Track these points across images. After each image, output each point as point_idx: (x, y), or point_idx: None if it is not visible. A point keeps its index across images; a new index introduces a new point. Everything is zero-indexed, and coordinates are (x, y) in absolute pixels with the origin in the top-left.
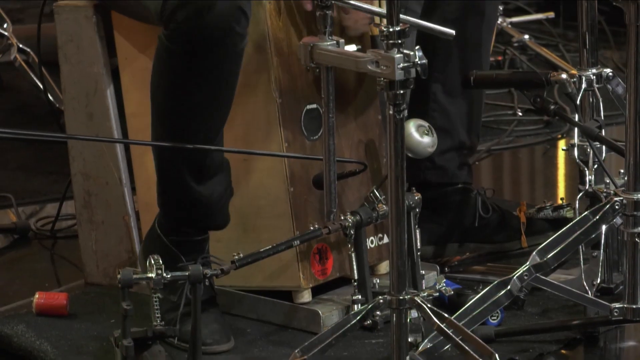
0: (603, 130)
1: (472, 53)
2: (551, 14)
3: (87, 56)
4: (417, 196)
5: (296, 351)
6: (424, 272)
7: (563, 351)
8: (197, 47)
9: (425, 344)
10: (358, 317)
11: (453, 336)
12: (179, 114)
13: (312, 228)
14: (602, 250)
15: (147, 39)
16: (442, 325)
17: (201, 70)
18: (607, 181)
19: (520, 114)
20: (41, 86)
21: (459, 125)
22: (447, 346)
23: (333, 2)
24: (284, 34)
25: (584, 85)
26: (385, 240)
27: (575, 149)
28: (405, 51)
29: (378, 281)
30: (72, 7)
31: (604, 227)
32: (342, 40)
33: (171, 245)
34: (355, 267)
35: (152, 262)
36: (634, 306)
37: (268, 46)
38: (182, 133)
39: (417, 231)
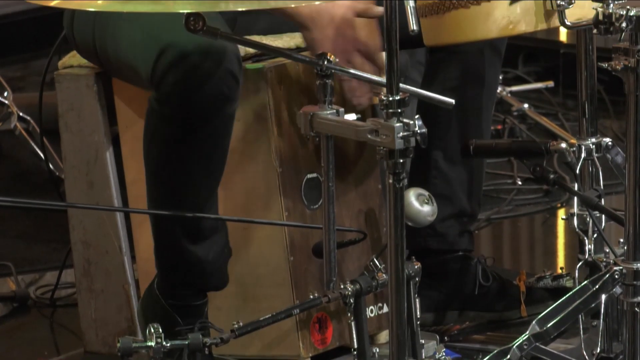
0: (602, 200)
1: (472, 120)
2: (550, 83)
3: (87, 124)
4: (417, 265)
5: None
6: (423, 342)
7: None
8: (188, 111)
9: None
10: None
11: None
12: (171, 175)
13: (311, 297)
14: (601, 320)
15: None
16: None
17: (191, 133)
18: (607, 250)
19: (519, 182)
20: (41, 154)
21: (460, 192)
22: None
23: (333, 70)
24: (285, 103)
25: (583, 155)
26: (385, 309)
27: (575, 218)
28: (405, 120)
29: (378, 350)
30: (73, 76)
31: (603, 297)
32: (342, 109)
33: (169, 309)
34: (355, 336)
35: (152, 330)
36: None
37: (269, 115)
38: (175, 194)
39: (417, 300)
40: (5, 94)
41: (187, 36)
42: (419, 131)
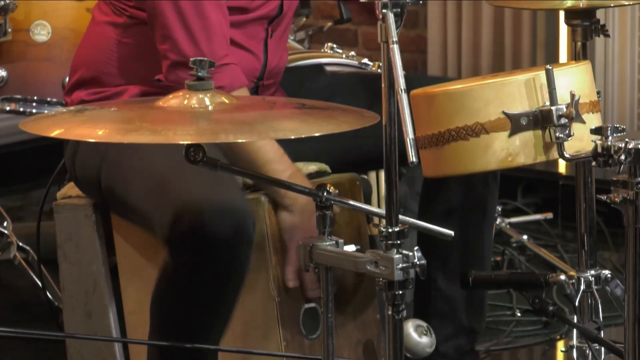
0: (602, 332)
1: (472, 244)
2: (550, 215)
3: (86, 255)
4: None
5: None
6: None
7: None
8: (203, 272)
9: None
10: None
11: None
12: (180, 329)
13: None
14: None
15: (146, 240)
16: None
17: (207, 286)
18: None
19: (519, 314)
20: (40, 284)
21: (460, 310)
22: None
23: (332, 202)
24: None
25: (582, 287)
26: None
27: (575, 350)
28: (404, 252)
29: None
30: (71, 206)
31: None
32: (341, 240)
33: None
34: None
35: None
36: None
37: (267, 245)
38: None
39: None
40: (5, 223)
41: (201, 194)
42: (418, 263)
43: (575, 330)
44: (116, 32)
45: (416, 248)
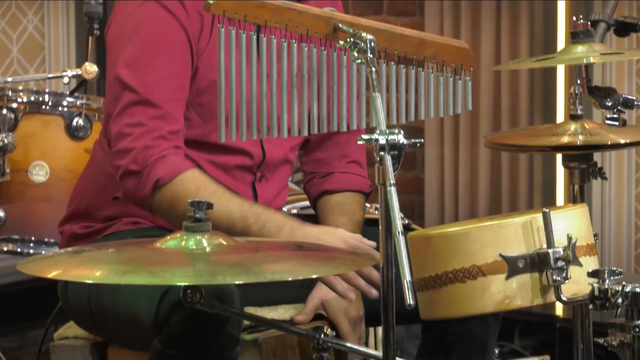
0: None
1: None
2: (547, 358)
3: None
4: None
5: None
6: None
7: None
8: (193, 349)
9: None
10: None
11: None
12: None
13: None
14: None
15: None
16: None
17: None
18: None
19: None
20: None
21: None
22: None
23: (330, 344)
24: None
25: None
26: None
27: None
28: None
29: None
30: (68, 347)
31: None
32: None
33: None
34: None
35: None
36: None
37: None
38: None
39: None
40: None
41: None
42: None
43: None
44: (111, 166)
45: None
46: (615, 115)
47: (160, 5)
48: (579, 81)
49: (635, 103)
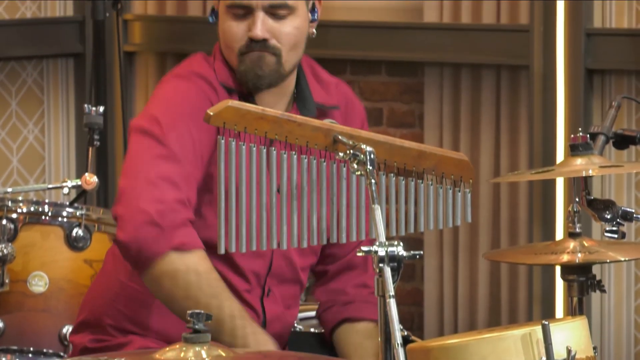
0: None
1: None
2: None
3: None
4: None
5: None
6: None
7: None
8: None
9: None
10: None
11: None
12: None
13: None
14: None
15: None
16: None
17: None
18: None
19: None
20: None
21: None
22: None
23: None
24: None
25: None
26: None
27: None
28: None
29: None
30: None
31: None
32: None
33: None
34: None
35: None
36: None
37: None
38: None
39: None
40: None
41: None
42: None
43: None
44: (124, 274)
45: None
46: (614, 228)
47: (199, 88)
48: (577, 198)
49: (635, 216)
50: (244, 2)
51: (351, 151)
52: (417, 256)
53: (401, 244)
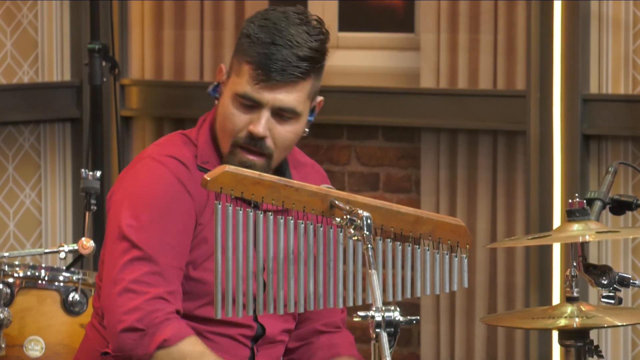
0: None
1: None
2: None
3: None
4: None
5: None
6: None
7: None
8: None
9: None
10: None
11: None
12: None
13: None
14: None
15: None
16: None
17: None
18: None
19: None
20: None
21: None
22: None
23: None
24: None
25: None
26: None
27: None
28: None
29: None
30: None
31: None
32: None
33: None
34: None
35: None
36: None
37: None
38: None
39: None
40: None
41: None
42: None
43: None
44: (101, 342)
45: None
46: (611, 294)
47: (172, 173)
48: (574, 263)
49: (631, 282)
50: (256, 97)
51: (348, 216)
52: (414, 321)
53: (398, 309)
